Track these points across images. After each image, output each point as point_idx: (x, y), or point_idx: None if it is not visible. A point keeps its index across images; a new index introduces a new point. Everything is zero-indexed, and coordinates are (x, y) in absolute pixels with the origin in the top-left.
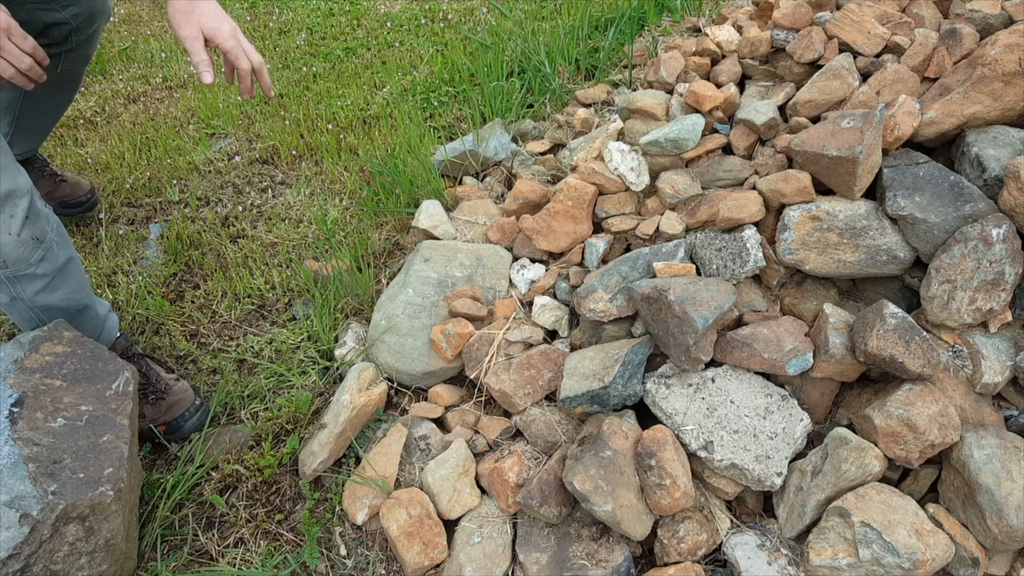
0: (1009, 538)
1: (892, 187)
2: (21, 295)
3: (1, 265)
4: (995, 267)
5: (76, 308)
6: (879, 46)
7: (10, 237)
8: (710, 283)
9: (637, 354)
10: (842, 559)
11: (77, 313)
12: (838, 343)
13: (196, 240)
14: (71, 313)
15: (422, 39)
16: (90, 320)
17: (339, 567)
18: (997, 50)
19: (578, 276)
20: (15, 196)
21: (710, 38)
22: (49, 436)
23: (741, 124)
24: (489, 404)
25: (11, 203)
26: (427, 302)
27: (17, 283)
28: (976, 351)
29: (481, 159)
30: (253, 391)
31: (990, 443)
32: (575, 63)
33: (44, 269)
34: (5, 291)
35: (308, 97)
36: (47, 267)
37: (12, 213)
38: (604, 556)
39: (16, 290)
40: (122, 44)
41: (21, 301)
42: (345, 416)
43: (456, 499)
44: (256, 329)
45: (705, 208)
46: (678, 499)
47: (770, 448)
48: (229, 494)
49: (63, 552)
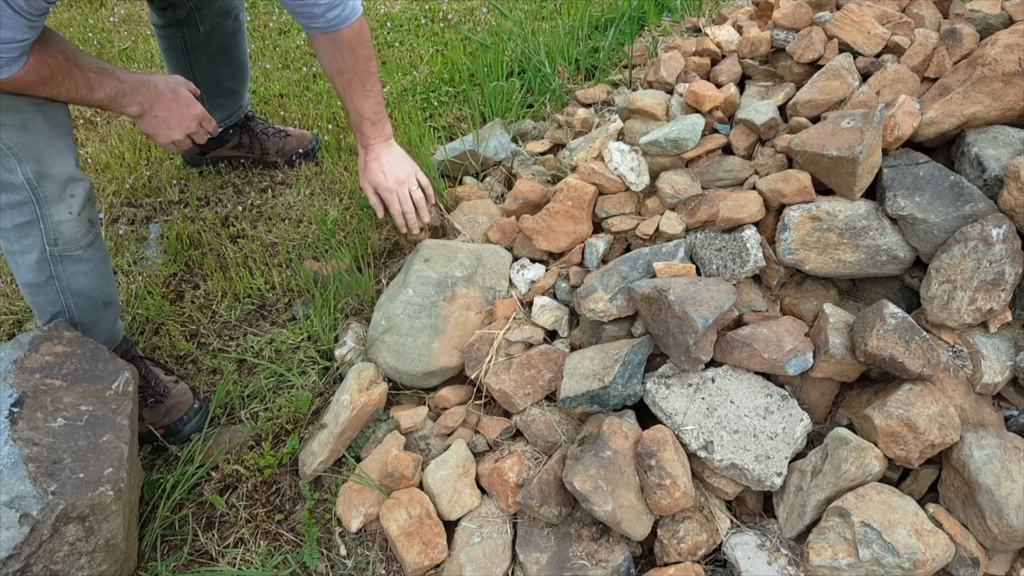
0: (1009, 538)
1: (892, 187)
2: (60, 275)
3: (52, 242)
4: (995, 267)
5: (104, 300)
6: (879, 46)
7: (70, 216)
8: (710, 283)
9: (637, 354)
10: (842, 559)
11: (103, 305)
12: (838, 343)
13: (196, 240)
14: (98, 304)
15: (422, 39)
16: (111, 315)
17: (339, 567)
18: (997, 50)
19: (578, 276)
20: (78, 178)
21: (710, 38)
22: (49, 436)
23: (741, 124)
24: (489, 404)
25: (74, 184)
26: (427, 302)
27: (61, 262)
28: (976, 351)
29: (481, 159)
30: (253, 391)
31: (990, 443)
32: (575, 63)
33: (90, 255)
34: (45, 269)
35: (308, 97)
36: (93, 253)
37: (74, 193)
38: (604, 556)
39: (57, 269)
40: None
41: (57, 282)
42: (345, 416)
43: (456, 499)
44: (256, 329)
45: (705, 208)
46: (678, 499)
47: (770, 448)
48: (229, 494)
49: (63, 552)
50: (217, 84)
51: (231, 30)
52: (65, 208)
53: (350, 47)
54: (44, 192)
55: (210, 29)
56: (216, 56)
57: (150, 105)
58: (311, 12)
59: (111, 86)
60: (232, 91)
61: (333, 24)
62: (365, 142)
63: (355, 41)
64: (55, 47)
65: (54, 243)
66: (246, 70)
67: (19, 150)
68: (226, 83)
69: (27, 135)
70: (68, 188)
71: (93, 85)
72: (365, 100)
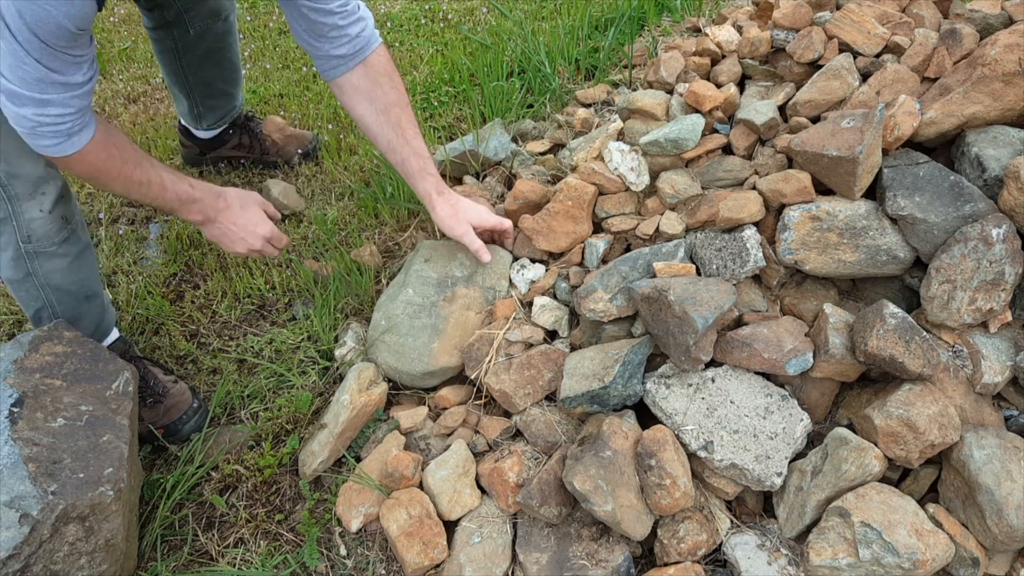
0: (1009, 538)
1: (892, 187)
2: (36, 271)
3: (25, 239)
4: (995, 267)
5: (86, 294)
6: (879, 46)
7: (40, 214)
8: (710, 283)
9: (637, 354)
10: (842, 559)
11: (85, 299)
12: (838, 343)
13: (196, 240)
14: (79, 298)
15: (422, 39)
16: (96, 308)
17: (339, 567)
18: (997, 50)
19: (578, 276)
20: (51, 176)
21: (710, 38)
22: (49, 436)
23: (741, 124)
24: (489, 404)
25: (45, 182)
26: (427, 302)
27: (36, 259)
28: (976, 351)
29: (481, 159)
30: (253, 391)
31: (990, 443)
32: (575, 63)
33: (65, 250)
34: (22, 266)
35: (308, 97)
36: (68, 248)
37: (45, 191)
38: (604, 556)
39: (33, 266)
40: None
41: (35, 278)
42: (345, 416)
43: (456, 499)
44: (256, 329)
45: (705, 208)
46: (678, 499)
47: (770, 448)
48: (229, 494)
49: (63, 552)
50: (209, 86)
51: (222, 32)
52: (36, 205)
53: (388, 75)
54: (15, 190)
55: (200, 31)
56: (207, 58)
57: (215, 215)
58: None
59: (183, 190)
60: (224, 92)
61: (359, 47)
62: (439, 187)
63: (390, 68)
64: (123, 138)
65: (27, 240)
66: (238, 71)
67: None
68: (218, 84)
69: None
70: (39, 187)
71: (166, 184)
72: (419, 136)
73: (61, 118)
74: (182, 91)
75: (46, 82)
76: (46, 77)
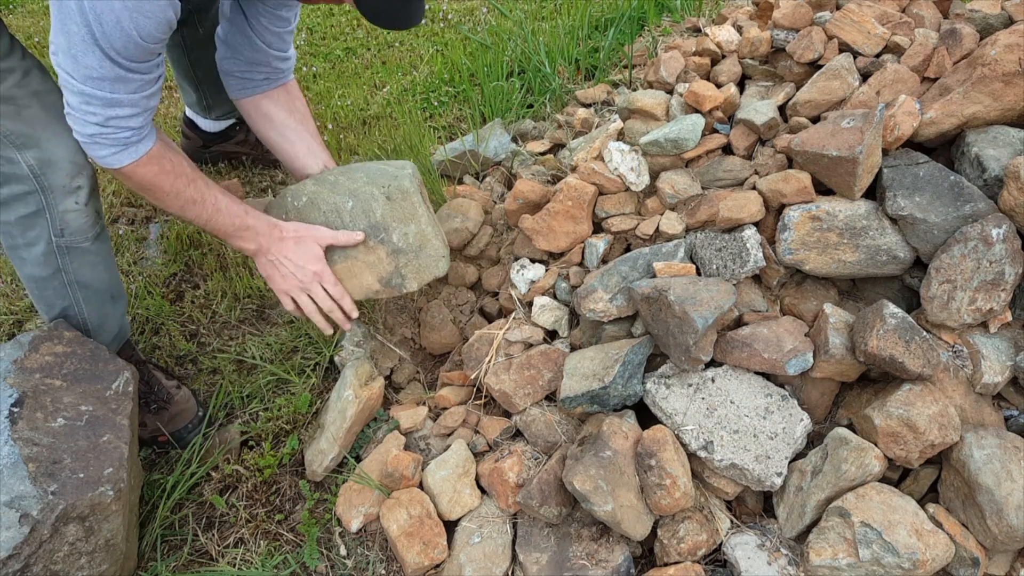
0: (1009, 538)
1: (892, 187)
2: (66, 267)
3: (58, 233)
4: (995, 267)
5: (112, 294)
6: (879, 46)
7: (77, 206)
8: (710, 283)
9: (637, 354)
10: (842, 559)
11: (111, 299)
12: (838, 343)
13: (196, 240)
14: (106, 297)
15: (422, 39)
16: (119, 309)
17: (339, 567)
18: (997, 50)
19: (578, 276)
20: (84, 167)
21: (710, 38)
22: (49, 436)
23: (741, 124)
24: (489, 404)
25: (81, 174)
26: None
27: (67, 255)
28: (976, 351)
29: (481, 159)
30: (252, 391)
31: (990, 443)
32: (575, 63)
33: (96, 247)
34: (51, 263)
35: (308, 97)
36: (99, 246)
37: (80, 184)
38: (604, 556)
39: (63, 262)
40: None
41: (64, 275)
42: (353, 410)
43: (456, 499)
44: (256, 330)
45: (705, 208)
46: (678, 499)
47: (770, 448)
48: (229, 494)
49: (63, 552)
50: (217, 83)
51: None
52: (72, 199)
53: (299, 92)
54: (49, 181)
55: (209, 30)
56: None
57: (268, 246)
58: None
59: (236, 214)
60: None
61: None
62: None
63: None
64: (180, 154)
65: (60, 234)
66: None
67: (16, 137)
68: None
69: (23, 122)
70: (74, 179)
71: (220, 206)
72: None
73: (126, 121)
74: (191, 83)
75: (117, 80)
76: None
